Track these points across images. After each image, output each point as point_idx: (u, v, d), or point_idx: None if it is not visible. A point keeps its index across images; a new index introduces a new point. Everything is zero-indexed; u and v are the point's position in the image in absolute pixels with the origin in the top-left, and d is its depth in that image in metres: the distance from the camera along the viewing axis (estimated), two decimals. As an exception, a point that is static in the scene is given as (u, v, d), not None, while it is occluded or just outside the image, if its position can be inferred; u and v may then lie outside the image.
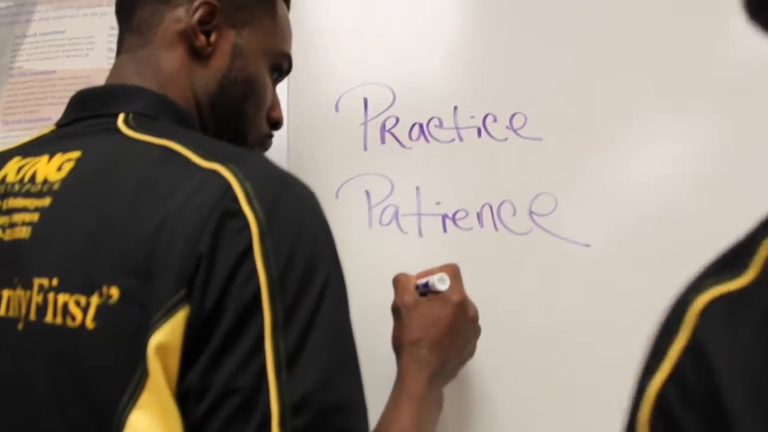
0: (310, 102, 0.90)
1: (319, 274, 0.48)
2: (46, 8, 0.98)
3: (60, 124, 0.62)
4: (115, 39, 0.96)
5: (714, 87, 0.86)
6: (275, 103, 0.71)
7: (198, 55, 0.63)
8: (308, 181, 0.91)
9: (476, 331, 0.73)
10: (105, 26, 0.95)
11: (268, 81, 0.69)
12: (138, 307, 0.46)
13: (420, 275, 0.72)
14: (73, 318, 0.48)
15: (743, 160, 0.83)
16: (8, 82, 0.97)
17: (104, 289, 0.47)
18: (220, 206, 0.47)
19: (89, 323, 0.47)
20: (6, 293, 0.53)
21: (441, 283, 0.69)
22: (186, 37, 0.62)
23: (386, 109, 0.90)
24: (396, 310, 0.70)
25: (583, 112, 0.87)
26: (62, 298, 0.49)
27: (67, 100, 0.98)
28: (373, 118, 0.90)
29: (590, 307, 0.83)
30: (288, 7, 0.73)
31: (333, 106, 0.90)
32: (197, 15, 0.62)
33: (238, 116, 0.66)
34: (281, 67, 0.71)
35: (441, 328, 0.67)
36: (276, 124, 0.72)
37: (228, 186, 0.48)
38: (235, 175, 0.48)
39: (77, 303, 0.48)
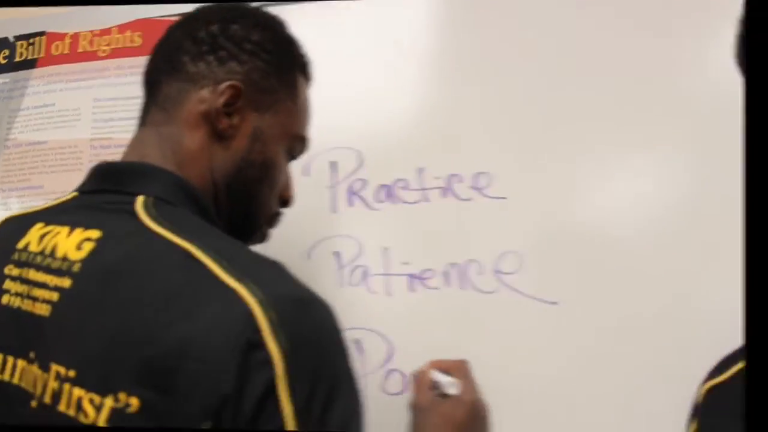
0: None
1: (340, 397, 0.50)
2: (38, 83, 1.04)
3: (80, 191, 0.63)
4: (99, 110, 1.02)
5: (683, 144, 0.85)
6: (288, 183, 0.72)
7: (219, 137, 0.63)
8: (280, 243, 0.94)
9: (486, 428, 0.74)
10: (89, 99, 1.01)
11: (284, 163, 0.69)
12: (159, 419, 0.47)
13: (434, 364, 0.74)
14: (86, 415, 0.49)
15: (712, 215, 0.82)
16: (5, 152, 1.03)
17: (121, 396, 0.48)
18: (244, 337, 0.47)
19: (102, 423, 0.48)
20: (21, 363, 0.54)
21: (452, 387, 0.71)
22: (209, 118, 0.62)
23: (353, 172, 0.92)
24: (412, 409, 0.73)
25: (547, 171, 0.88)
26: (77, 392, 0.50)
27: (57, 169, 1.04)
28: (341, 182, 0.92)
29: (558, 365, 0.83)
30: (308, 85, 0.72)
31: (303, 170, 0.93)
32: (223, 98, 0.62)
33: (252, 197, 0.66)
34: (298, 149, 0.72)
35: (452, 430, 0.69)
36: (286, 202, 0.72)
37: (250, 314, 0.47)
38: (259, 301, 0.48)
39: (91, 401, 0.49)
